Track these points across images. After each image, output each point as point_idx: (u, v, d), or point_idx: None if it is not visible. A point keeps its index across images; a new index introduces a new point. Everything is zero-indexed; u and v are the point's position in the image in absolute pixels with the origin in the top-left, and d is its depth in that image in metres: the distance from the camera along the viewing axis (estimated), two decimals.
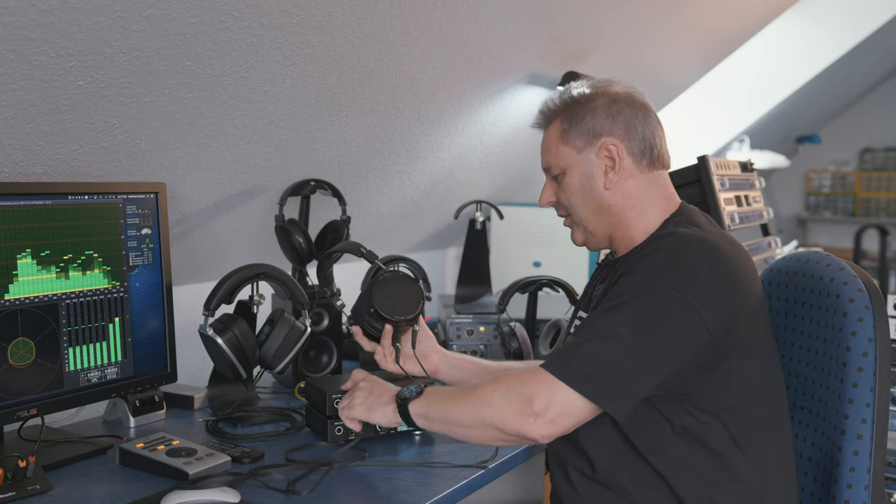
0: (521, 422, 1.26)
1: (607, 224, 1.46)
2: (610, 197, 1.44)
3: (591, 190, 1.45)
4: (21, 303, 1.44)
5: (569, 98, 1.47)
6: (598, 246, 1.51)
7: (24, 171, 1.50)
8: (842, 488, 1.38)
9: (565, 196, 1.48)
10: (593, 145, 1.43)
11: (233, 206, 1.99)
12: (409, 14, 1.78)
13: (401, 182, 2.44)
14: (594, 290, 1.54)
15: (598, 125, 1.43)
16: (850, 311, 1.39)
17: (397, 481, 1.40)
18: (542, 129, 1.53)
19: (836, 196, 7.23)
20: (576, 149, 1.45)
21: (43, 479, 1.34)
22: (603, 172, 1.43)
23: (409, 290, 1.58)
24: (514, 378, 1.31)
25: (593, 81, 1.49)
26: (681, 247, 1.33)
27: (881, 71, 6.37)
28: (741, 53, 3.76)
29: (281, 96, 1.74)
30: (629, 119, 1.43)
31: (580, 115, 1.44)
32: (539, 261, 2.87)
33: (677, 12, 2.85)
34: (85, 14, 1.25)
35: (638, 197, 1.44)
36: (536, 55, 2.36)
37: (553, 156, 1.48)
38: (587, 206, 1.46)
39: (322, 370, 1.98)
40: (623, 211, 1.44)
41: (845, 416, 1.38)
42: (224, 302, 1.63)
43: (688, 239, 1.34)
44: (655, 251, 1.34)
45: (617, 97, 1.45)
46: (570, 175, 1.46)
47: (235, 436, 1.61)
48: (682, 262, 1.31)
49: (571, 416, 1.27)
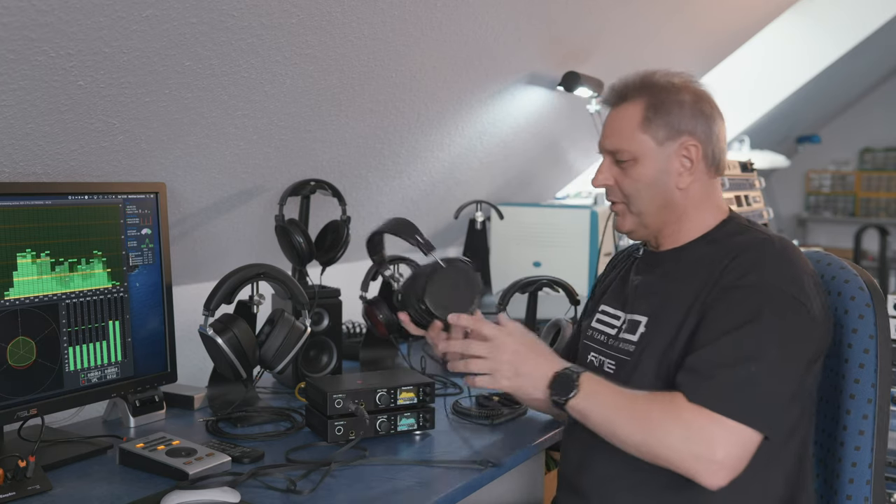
0: (701, 470, 1.21)
1: (665, 221, 1.43)
2: (679, 196, 1.41)
3: (662, 185, 1.40)
4: (21, 303, 1.44)
5: (653, 83, 1.42)
6: (643, 237, 1.49)
7: (24, 171, 1.49)
8: (843, 483, 1.40)
9: (630, 184, 1.42)
10: (674, 141, 1.39)
11: (233, 206, 1.99)
12: (409, 14, 1.78)
13: (401, 182, 2.44)
14: (629, 282, 1.50)
15: (684, 122, 1.39)
16: (852, 309, 1.41)
17: (397, 481, 1.40)
18: (612, 107, 1.46)
19: (836, 196, 7.23)
20: (656, 140, 1.39)
21: (43, 479, 1.34)
22: (678, 171, 1.40)
23: (464, 285, 1.43)
24: (688, 413, 1.23)
25: (674, 72, 1.44)
26: (784, 252, 1.33)
27: (881, 71, 6.37)
28: (741, 53, 3.76)
29: (281, 96, 1.74)
30: (710, 122, 1.40)
31: (667, 107, 1.39)
32: (539, 261, 2.87)
33: (677, 12, 2.85)
34: (85, 14, 1.25)
35: (700, 200, 1.42)
36: (536, 55, 2.36)
37: (627, 141, 1.41)
38: (653, 200, 1.42)
39: (322, 370, 1.98)
40: (685, 211, 1.42)
41: (847, 412, 1.40)
42: (224, 302, 1.63)
43: (784, 243, 1.35)
44: (760, 259, 1.32)
45: (702, 96, 1.41)
46: (643, 165, 1.40)
47: (235, 436, 1.61)
48: (792, 267, 1.31)
49: (748, 457, 1.23)
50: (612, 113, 1.46)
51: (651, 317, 1.41)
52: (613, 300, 1.53)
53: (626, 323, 1.45)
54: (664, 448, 1.24)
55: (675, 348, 1.34)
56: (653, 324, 1.40)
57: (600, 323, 1.53)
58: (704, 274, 1.36)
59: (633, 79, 1.44)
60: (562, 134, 3.02)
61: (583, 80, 2.51)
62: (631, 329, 1.43)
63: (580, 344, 1.58)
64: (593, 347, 1.51)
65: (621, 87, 1.44)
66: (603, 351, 1.48)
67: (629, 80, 1.44)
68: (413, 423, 1.61)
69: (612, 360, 1.45)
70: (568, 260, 2.81)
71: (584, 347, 1.54)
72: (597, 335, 1.52)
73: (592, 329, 1.54)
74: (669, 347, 1.35)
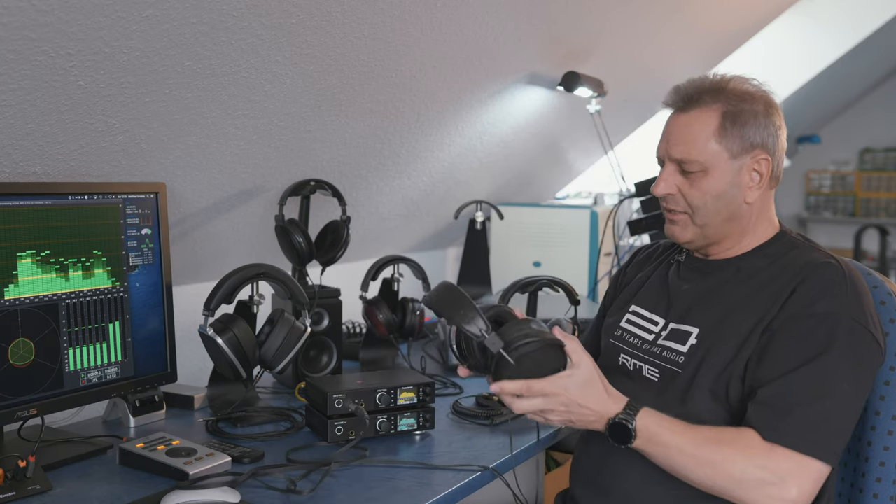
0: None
1: (727, 234, 1.40)
2: (745, 210, 1.37)
3: (730, 199, 1.36)
4: (21, 303, 1.44)
5: (728, 89, 1.34)
6: (698, 248, 1.44)
7: (24, 171, 1.49)
8: (870, 482, 1.41)
9: (697, 196, 1.37)
10: (748, 154, 1.34)
11: (233, 206, 1.99)
12: (409, 14, 1.78)
13: (401, 182, 2.44)
14: (671, 287, 1.45)
15: (758, 134, 1.33)
16: (883, 314, 1.40)
17: (397, 481, 1.40)
18: (679, 111, 1.38)
19: (836, 196, 7.23)
20: (730, 152, 1.34)
21: (43, 479, 1.34)
22: (748, 185, 1.35)
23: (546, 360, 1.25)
24: (762, 451, 1.22)
25: (746, 77, 1.38)
26: (851, 278, 1.30)
27: (881, 71, 6.37)
28: (741, 53, 3.76)
29: (281, 96, 1.74)
30: (778, 132, 1.36)
31: (743, 118, 1.33)
32: (539, 261, 2.87)
33: (677, 12, 2.85)
34: (85, 14, 1.25)
35: (760, 213, 1.40)
36: (536, 55, 2.36)
37: (698, 150, 1.34)
38: (719, 213, 1.37)
39: (322, 370, 1.98)
40: (748, 224, 1.39)
41: (876, 413, 1.41)
42: (224, 302, 1.63)
43: (849, 267, 1.33)
44: (829, 286, 1.29)
45: (772, 104, 1.36)
46: (713, 177, 1.35)
47: (235, 436, 1.61)
48: (859, 296, 1.29)
49: (818, 489, 1.23)
50: (679, 118, 1.37)
51: (704, 329, 1.37)
52: (649, 303, 1.48)
53: (670, 331, 1.42)
54: (736, 487, 1.22)
55: (735, 367, 1.31)
56: (707, 338, 1.36)
57: (632, 325, 1.49)
58: (767, 294, 1.33)
59: (706, 82, 1.36)
60: (562, 134, 3.02)
61: (583, 80, 2.51)
62: (676, 338, 1.40)
63: (606, 343, 1.53)
64: (624, 350, 1.48)
65: (692, 91, 1.36)
66: (639, 356, 1.44)
67: (701, 83, 1.36)
68: (413, 423, 1.61)
69: (654, 368, 1.41)
70: (568, 260, 2.81)
71: (613, 348, 1.50)
72: (628, 337, 1.48)
73: (622, 329, 1.50)
74: (730, 364, 1.32)
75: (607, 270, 2.86)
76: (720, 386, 1.32)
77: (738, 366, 1.31)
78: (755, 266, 1.39)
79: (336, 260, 2.02)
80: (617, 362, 1.48)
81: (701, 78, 1.37)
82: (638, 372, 1.43)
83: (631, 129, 3.57)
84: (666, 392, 1.37)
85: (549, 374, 1.24)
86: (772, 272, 1.36)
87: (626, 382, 1.41)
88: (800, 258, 1.35)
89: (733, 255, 1.41)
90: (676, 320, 1.42)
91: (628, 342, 1.48)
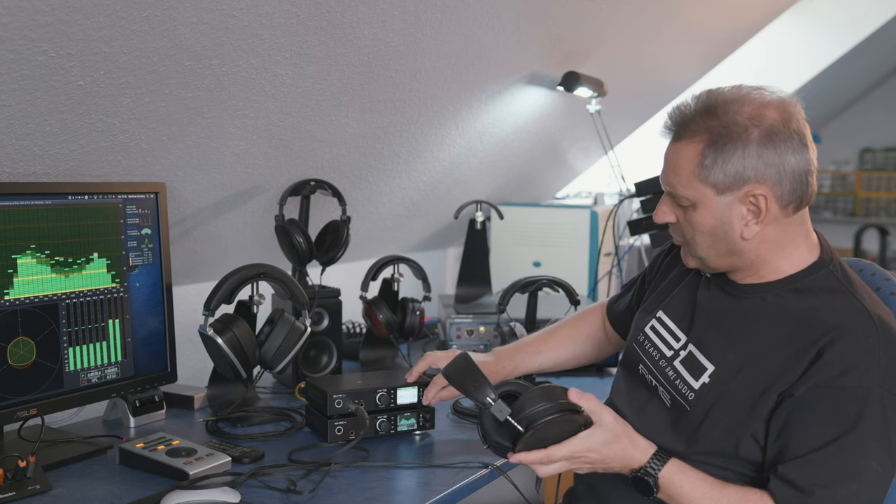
0: None
1: (733, 265, 1.30)
2: (745, 245, 1.26)
3: (722, 236, 1.26)
4: (21, 303, 1.44)
5: (716, 114, 1.22)
6: (712, 272, 1.35)
7: (25, 171, 1.50)
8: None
9: (688, 229, 1.29)
10: (738, 189, 1.22)
11: (233, 206, 1.99)
12: (409, 14, 1.78)
13: (401, 182, 2.44)
14: (697, 300, 1.38)
15: (748, 168, 1.20)
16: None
17: (397, 481, 1.40)
18: (672, 139, 1.29)
19: (836, 196, 7.23)
20: (715, 189, 1.23)
21: (43, 479, 1.34)
22: (742, 220, 1.24)
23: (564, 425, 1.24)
24: None
25: (744, 94, 1.23)
26: (889, 341, 1.20)
27: (881, 71, 6.37)
28: (741, 53, 3.76)
29: (281, 96, 1.74)
30: (784, 157, 1.21)
31: (728, 153, 1.21)
32: (539, 261, 2.87)
33: (677, 12, 2.85)
34: (85, 14, 1.25)
35: (776, 241, 1.26)
36: (536, 55, 2.36)
37: (683, 185, 1.26)
38: (712, 248, 1.28)
39: (322, 370, 1.98)
40: (758, 255, 1.27)
41: None
42: (224, 302, 1.63)
43: (888, 327, 1.21)
44: (861, 354, 1.18)
45: (773, 129, 1.20)
46: (701, 213, 1.26)
47: (235, 436, 1.61)
48: (892, 361, 1.19)
49: None
50: (670, 147, 1.29)
51: (718, 371, 1.29)
52: (676, 313, 1.41)
53: (687, 354, 1.35)
54: None
55: (749, 425, 1.24)
56: (720, 382, 1.29)
57: (655, 333, 1.43)
58: (792, 351, 1.22)
59: (696, 105, 1.26)
60: (562, 134, 3.02)
61: (583, 80, 2.51)
62: (691, 368, 1.33)
63: (631, 341, 1.48)
64: (644, 361, 1.43)
65: (680, 117, 1.27)
66: (655, 374, 1.39)
67: (692, 105, 1.26)
68: (413, 423, 1.61)
69: (667, 394, 1.36)
70: (568, 260, 2.81)
71: (634, 353, 1.46)
72: (648, 346, 1.43)
73: (644, 336, 1.44)
74: (743, 423, 1.25)
75: (607, 270, 2.86)
76: (729, 443, 1.26)
77: (753, 425, 1.24)
78: (783, 302, 1.28)
79: (336, 260, 2.02)
80: (637, 370, 1.44)
81: (696, 98, 1.27)
82: (654, 390, 1.39)
83: (631, 129, 3.57)
84: (677, 426, 1.32)
85: (569, 437, 1.23)
86: (800, 317, 1.25)
87: (644, 393, 1.41)
88: (834, 309, 1.23)
89: (758, 283, 1.31)
90: (695, 342, 1.35)
91: (648, 353, 1.42)
